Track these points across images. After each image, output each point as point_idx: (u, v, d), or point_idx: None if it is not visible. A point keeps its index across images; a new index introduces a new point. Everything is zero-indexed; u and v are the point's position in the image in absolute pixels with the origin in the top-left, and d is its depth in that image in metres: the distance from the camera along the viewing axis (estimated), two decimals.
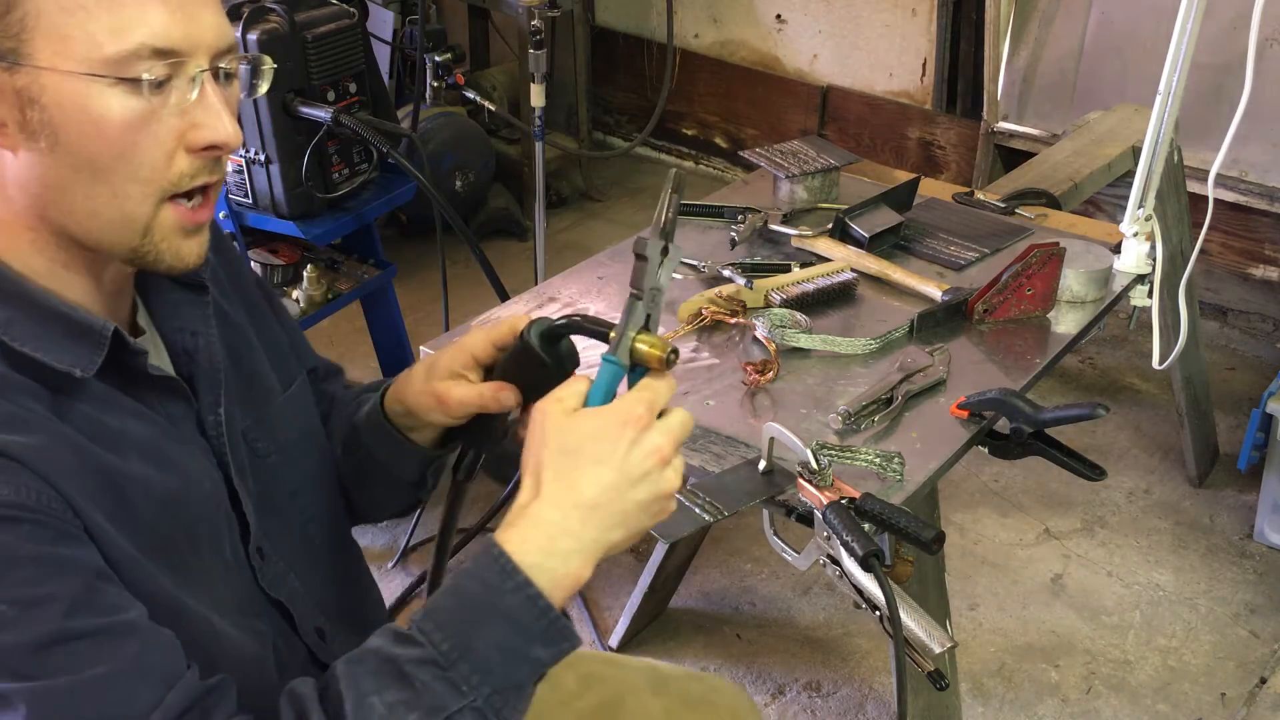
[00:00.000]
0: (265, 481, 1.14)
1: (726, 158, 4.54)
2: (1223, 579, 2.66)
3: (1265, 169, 3.28)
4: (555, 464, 0.96)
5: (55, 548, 0.86)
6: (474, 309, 2.02)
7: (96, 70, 0.89)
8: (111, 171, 0.92)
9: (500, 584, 0.92)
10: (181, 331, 1.09)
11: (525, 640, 0.92)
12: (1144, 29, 3.41)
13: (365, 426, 1.23)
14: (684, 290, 1.85)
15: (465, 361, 1.15)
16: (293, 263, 2.55)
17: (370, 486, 1.27)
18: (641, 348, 1.00)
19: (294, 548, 1.16)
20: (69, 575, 0.87)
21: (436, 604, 0.94)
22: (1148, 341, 2.22)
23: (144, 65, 0.90)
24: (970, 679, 2.39)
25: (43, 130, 0.90)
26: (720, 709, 1.48)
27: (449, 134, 3.64)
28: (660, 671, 1.51)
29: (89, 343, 0.95)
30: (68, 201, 0.93)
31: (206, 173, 0.97)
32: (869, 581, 1.20)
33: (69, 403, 0.94)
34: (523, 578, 0.92)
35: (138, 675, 0.88)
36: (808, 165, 2.17)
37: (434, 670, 0.90)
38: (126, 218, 0.94)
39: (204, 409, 1.07)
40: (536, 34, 2.84)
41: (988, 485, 2.95)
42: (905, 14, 3.93)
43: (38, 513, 0.86)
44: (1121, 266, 1.96)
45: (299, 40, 2.26)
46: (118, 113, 0.90)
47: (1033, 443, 1.50)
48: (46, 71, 0.88)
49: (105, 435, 0.95)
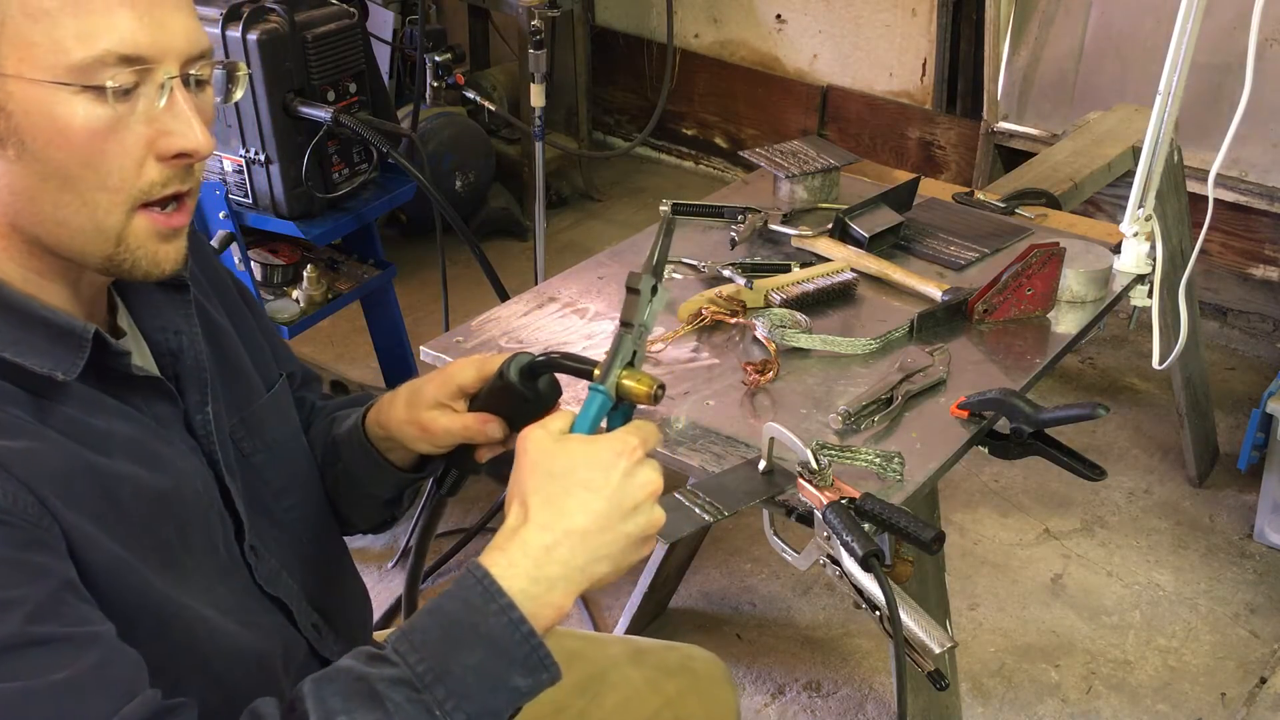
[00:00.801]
0: (252, 481, 1.14)
1: (726, 158, 4.54)
2: (1223, 579, 2.66)
3: (1265, 169, 3.28)
4: (544, 488, 0.94)
5: (25, 553, 0.85)
6: (474, 309, 2.02)
7: (61, 78, 0.87)
8: (79, 180, 0.91)
9: (483, 606, 0.89)
10: (164, 331, 1.08)
11: (505, 666, 0.89)
12: (1144, 29, 3.42)
13: (344, 443, 1.24)
14: (684, 290, 1.85)
15: (451, 392, 1.15)
16: (293, 263, 2.55)
17: (346, 501, 1.28)
18: (629, 384, 0.99)
19: (282, 546, 1.16)
20: (36, 581, 0.85)
21: (414, 624, 0.91)
22: (1148, 341, 2.22)
23: (109, 73, 0.88)
24: (970, 679, 2.39)
25: (9, 138, 0.89)
26: (698, 675, 1.51)
27: (449, 134, 3.64)
28: (636, 644, 1.54)
29: (70, 346, 0.94)
30: (37, 209, 0.92)
31: (178, 181, 0.95)
32: (869, 581, 1.20)
33: (52, 406, 0.93)
34: (507, 600, 0.89)
35: (95, 686, 0.85)
36: (808, 165, 2.17)
37: (408, 691, 0.87)
38: (97, 226, 0.93)
39: (191, 408, 1.07)
40: (536, 34, 2.84)
41: (988, 485, 2.95)
42: (905, 14, 3.94)
43: (10, 515, 0.85)
44: (1121, 266, 1.96)
45: (299, 40, 2.26)
46: (82, 121, 0.89)
47: (1033, 443, 1.50)
48: (12, 79, 0.87)
49: (91, 436, 0.94)
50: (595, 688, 1.46)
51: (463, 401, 1.15)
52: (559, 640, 1.48)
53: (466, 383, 1.14)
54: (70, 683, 0.84)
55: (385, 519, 1.31)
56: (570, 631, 1.58)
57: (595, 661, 1.49)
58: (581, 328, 1.77)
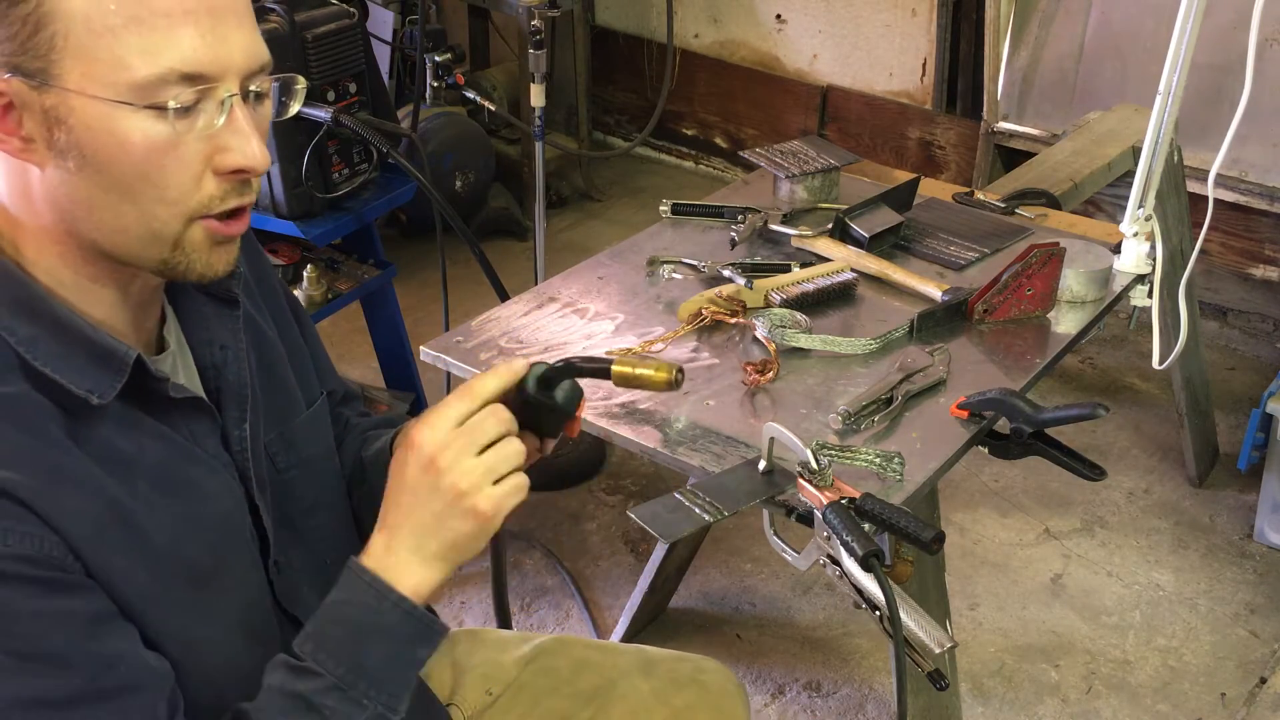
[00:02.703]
0: (283, 496, 1.14)
1: (726, 158, 4.54)
2: (1223, 579, 2.66)
3: (1265, 169, 3.28)
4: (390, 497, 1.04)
5: (52, 601, 0.88)
6: (474, 309, 2.02)
7: (123, 97, 0.87)
8: (139, 193, 0.91)
9: (378, 605, 1.00)
10: (210, 345, 1.09)
11: (409, 646, 1.02)
12: (1144, 29, 3.41)
13: (372, 465, 1.25)
14: (684, 290, 1.85)
15: None
16: (293, 263, 2.55)
17: (370, 523, 1.28)
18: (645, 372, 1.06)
19: (307, 563, 1.16)
20: (66, 632, 0.89)
21: (324, 633, 1.01)
22: (1148, 341, 2.22)
23: (172, 91, 0.88)
24: (970, 679, 2.39)
25: (70, 150, 0.89)
26: (708, 687, 1.50)
27: (449, 134, 3.64)
28: (648, 655, 1.53)
29: (110, 369, 0.95)
30: (96, 218, 0.92)
31: (236, 195, 0.95)
32: (869, 581, 1.20)
33: (87, 424, 0.93)
34: (396, 595, 1.00)
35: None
36: (808, 165, 2.17)
37: (338, 694, 0.98)
38: (155, 235, 0.94)
39: (229, 424, 1.07)
40: (536, 34, 2.84)
41: (988, 485, 2.95)
42: (905, 14, 3.94)
43: (35, 563, 0.87)
44: (1121, 266, 1.96)
45: (299, 40, 2.26)
46: (141, 137, 0.89)
47: (1033, 443, 1.50)
48: (74, 94, 0.87)
49: (119, 463, 0.95)
50: (603, 698, 1.45)
51: None
52: (570, 649, 1.50)
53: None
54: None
55: None
56: (582, 640, 1.58)
57: (604, 671, 1.48)
58: (581, 328, 1.77)
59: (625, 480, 2.95)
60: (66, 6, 0.86)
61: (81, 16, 0.86)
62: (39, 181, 0.91)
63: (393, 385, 2.94)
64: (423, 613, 1.02)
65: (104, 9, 0.86)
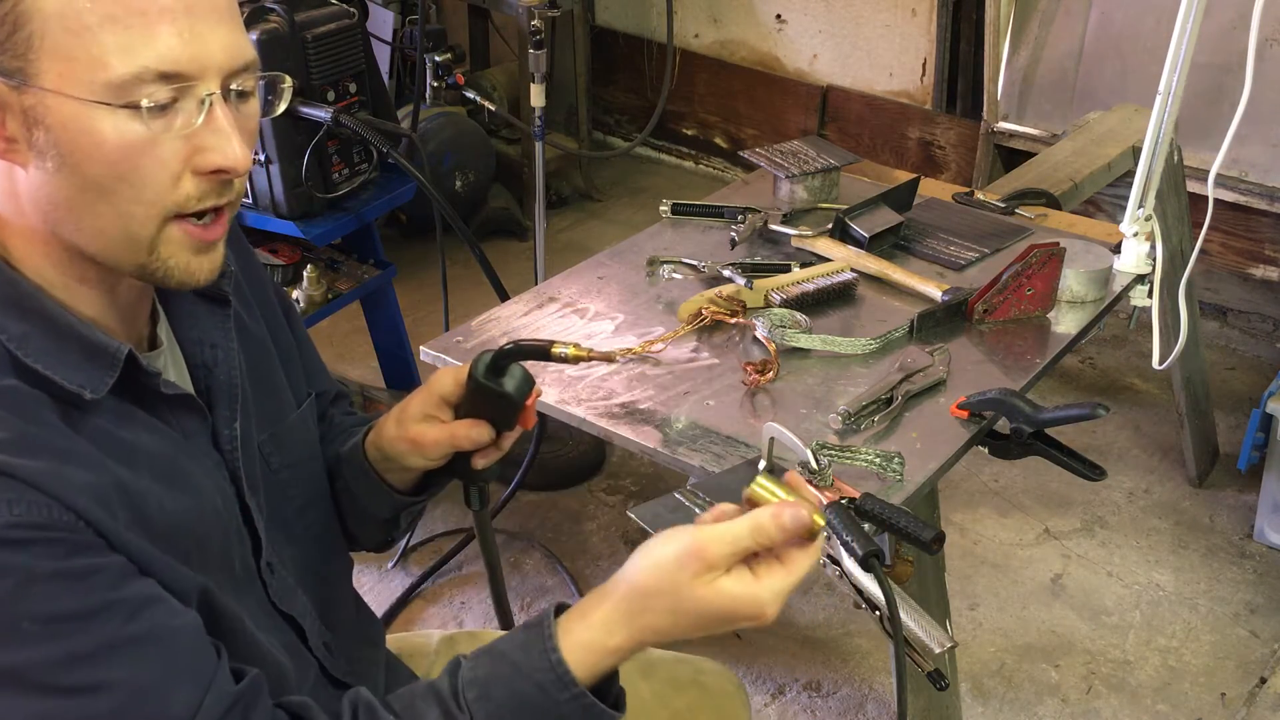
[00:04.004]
0: (275, 496, 1.14)
1: (726, 158, 4.54)
2: (1223, 579, 2.66)
3: (1265, 169, 3.28)
4: (638, 602, 0.98)
5: (70, 561, 0.86)
6: (474, 309, 2.02)
7: (100, 96, 0.87)
8: (114, 193, 0.90)
9: (557, 695, 0.96)
10: (200, 344, 1.08)
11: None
12: (1144, 29, 3.42)
13: (345, 461, 1.25)
14: (684, 290, 1.85)
15: (434, 403, 1.16)
16: (293, 263, 2.56)
17: (350, 518, 1.29)
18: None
19: (300, 563, 1.16)
20: (89, 587, 0.87)
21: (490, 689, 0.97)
22: (1148, 341, 2.22)
23: (147, 90, 0.87)
24: (970, 679, 2.39)
25: (48, 150, 0.89)
26: (708, 689, 1.50)
27: (449, 134, 3.64)
28: (647, 656, 1.52)
29: (101, 364, 0.94)
30: (75, 219, 0.92)
31: (215, 195, 0.94)
32: (869, 581, 1.20)
33: (82, 417, 0.93)
34: (578, 689, 0.96)
35: (171, 681, 0.89)
36: (808, 165, 2.17)
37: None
38: (132, 236, 0.93)
39: (219, 423, 1.07)
40: (536, 34, 2.84)
41: (988, 485, 2.95)
42: (905, 14, 3.94)
43: (48, 529, 0.85)
44: (1121, 266, 1.96)
45: (299, 40, 2.26)
46: (116, 136, 0.88)
47: (1033, 443, 1.50)
48: (50, 94, 0.87)
49: (119, 449, 0.94)
50: None
51: (448, 411, 1.16)
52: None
53: (446, 392, 1.15)
54: (145, 688, 0.88)
55: (383, 540, 1.32)
56: None
57: None
58: (581, 327, 1.77)
59: (625, 480, 2.95)
60: (43, 6, 0.85)
61: (57, 15, 0.85)
62: (22, 182, 0.91)
63: (393, 385, 2.94)
64: (603, 710, 0.98)
65: (79, 8, 0.85)
